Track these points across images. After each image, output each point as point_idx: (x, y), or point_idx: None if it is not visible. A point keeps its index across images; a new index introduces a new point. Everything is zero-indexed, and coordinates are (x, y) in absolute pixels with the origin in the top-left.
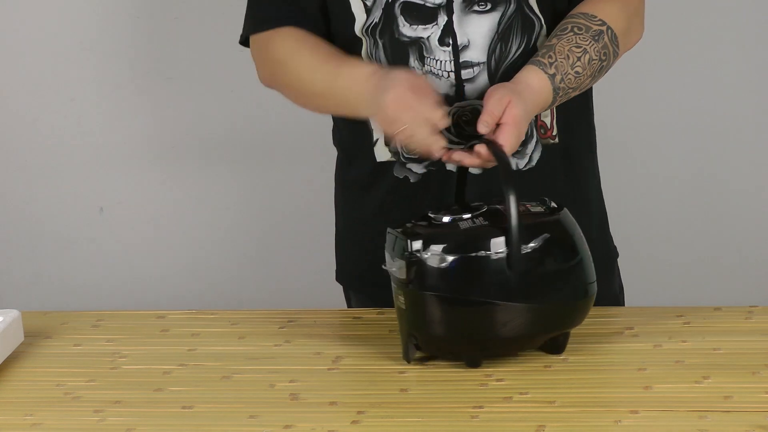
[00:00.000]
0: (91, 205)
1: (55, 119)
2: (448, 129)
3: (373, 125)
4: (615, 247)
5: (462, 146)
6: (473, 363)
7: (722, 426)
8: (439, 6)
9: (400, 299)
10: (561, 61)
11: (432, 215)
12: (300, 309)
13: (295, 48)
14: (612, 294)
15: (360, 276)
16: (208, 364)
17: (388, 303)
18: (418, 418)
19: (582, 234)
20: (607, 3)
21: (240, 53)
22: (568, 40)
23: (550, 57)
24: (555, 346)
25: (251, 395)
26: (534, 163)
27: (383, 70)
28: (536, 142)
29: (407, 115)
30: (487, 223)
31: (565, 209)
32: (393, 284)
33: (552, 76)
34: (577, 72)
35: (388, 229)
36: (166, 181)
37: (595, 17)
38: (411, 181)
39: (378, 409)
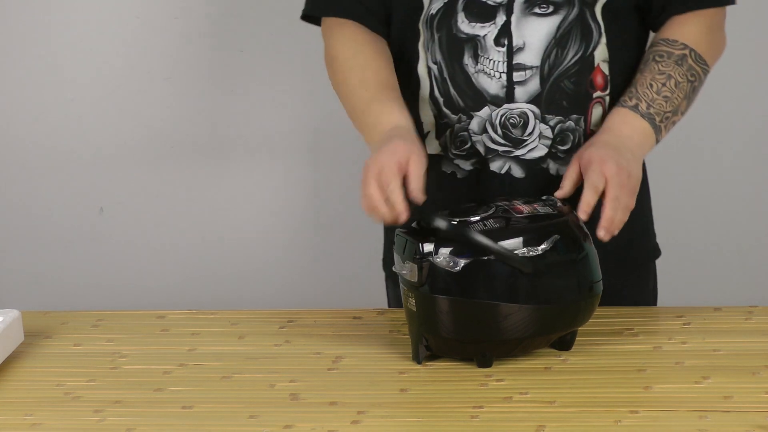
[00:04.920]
0: (91, 205)
1: (55, 119)
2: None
3: (422, 118)
4: (656, 246)
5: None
6: (484, 363)
7: (722, 426)
8: (500, 5)
9: (410, 301)
10: (643, 91)
11: (441, 217)
12: (300, 309)
13: (348, 56)
14: (644, 296)
15: None
16: (208, 364)
17: None
18: (418, 418)
19: (588, 232)
20: (687, 24)
21: (240, 54)
22: (650, 70)
23: (630, 92)
24: (563, 343)
25: (251, 395)
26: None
27: (398, 130)
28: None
29: (368, 183)
30: (498, 225)
31: (571, 207)
32: (403, 286)
33: (635, 107)
34: (665, 96)
35: (397, 231)
36: (166, 181)
37: (677, 42)
38: (458, 176)
39: (378, 409)
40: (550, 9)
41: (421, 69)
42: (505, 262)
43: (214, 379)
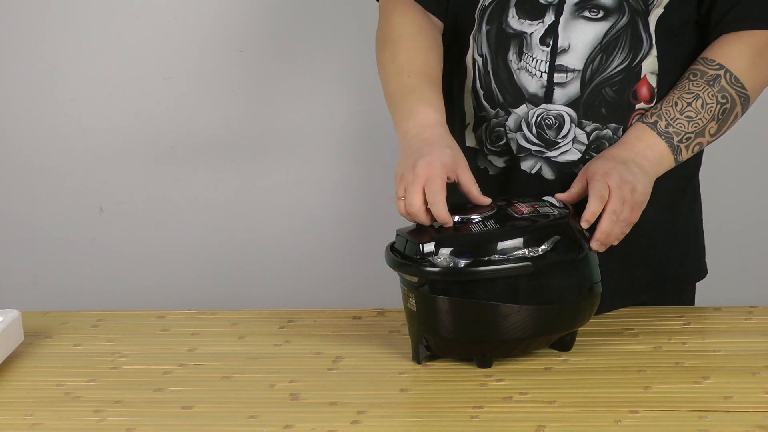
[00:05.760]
0: (91, 205)
1: (55, 119)
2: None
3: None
4: (702, 267)
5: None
6: (484, 363)
7: (722, 426)
8: (551, 4)
9: (410, 301)
10: (666, 109)
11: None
12: (300, 309)
13: (401, 36)
14: None
15: None
16: (208, 364)
17: None
18: (418, 418)
19: (588, 234)
20: (731, 44)
21: (240, 53)
22: (680, 88)
23: (654, 108)
24: (563, 343)
25: (251, 395)
26: None
27: (436, 131)
28: None
29: (415, 189)
30: (498, 225)
31: (571, 208)
32: (403, 286)
33: (653, 124)
34: (689, 116)
35: (397, 231)
36: (166, 181)
37: (713, 62)
38: (490, 173)
39: (378, 409)
40: (600, 14)
41: (468, 59)
42: None
43: (214, 379)
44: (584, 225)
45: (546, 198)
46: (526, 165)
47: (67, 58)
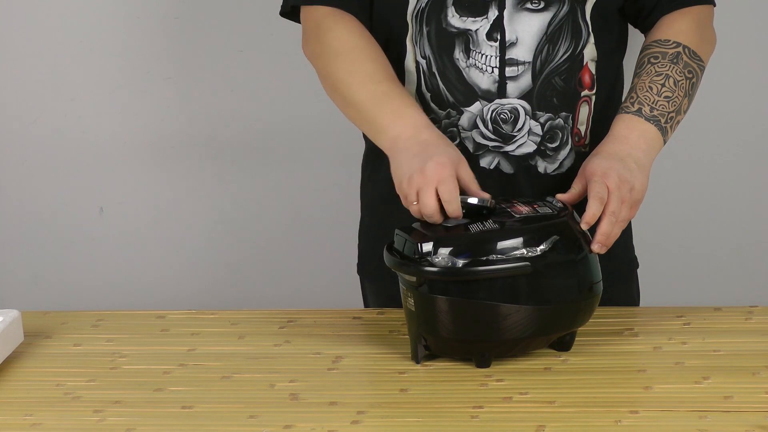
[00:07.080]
0: (91, 205)
1: (55, 119)
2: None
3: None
4: (635, 258)
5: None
6: (483, 363)
7: (722, 426)
8: None
9: (409, 301)
10: (644, 95)
11: None
12: (300, 309)
13: (352, 47)
14: (630, 302)
15: (378, 267)
16: (208, 364)
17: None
18: (418, 418)
19: (588, 233)
20: (677, 22)
21: (240, 53)
22: (647, 72)
23: (631, 97)
24: (562, 343)
25: (251, 395)
26: (564, 169)
27: (432, 132)
28: (570, 150)
29: (430, 192)
30: (496, 225)
31: (570, 208)
32: (402, 286)
33: (638, 111)
34: (666, 97)
35: (397, 230)
36: (166, 181)
37: (669, 41)
38: None
39: (378, 409)
40: (542, 5)
41: (410, 63)
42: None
43: (214, 379)
44: (584, 227)
45: (548, 198)
46: (485, 161)
47: (67, 58)
